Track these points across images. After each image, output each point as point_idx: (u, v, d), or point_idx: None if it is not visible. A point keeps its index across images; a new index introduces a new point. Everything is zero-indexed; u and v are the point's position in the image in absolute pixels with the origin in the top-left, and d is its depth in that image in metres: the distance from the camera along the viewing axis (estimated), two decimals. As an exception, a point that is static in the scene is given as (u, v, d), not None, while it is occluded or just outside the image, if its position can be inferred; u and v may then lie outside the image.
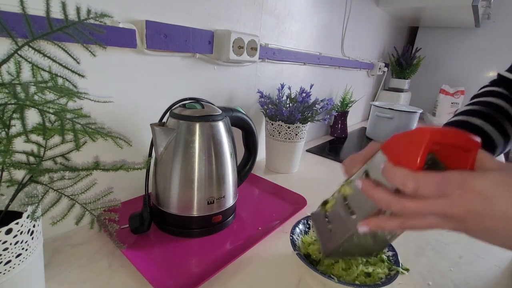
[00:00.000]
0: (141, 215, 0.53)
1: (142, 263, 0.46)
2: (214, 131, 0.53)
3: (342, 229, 0.36)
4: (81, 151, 0.34)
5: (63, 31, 0.30)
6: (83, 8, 0.31)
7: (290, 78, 1.02)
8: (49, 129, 0.32)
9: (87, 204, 0.36)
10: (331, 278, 0.40)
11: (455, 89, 1.82)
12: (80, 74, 0.33)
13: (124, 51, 0.55)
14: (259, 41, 0.77)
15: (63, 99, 0.33)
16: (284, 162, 0.89)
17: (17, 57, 0.30)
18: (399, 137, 0.30)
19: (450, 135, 0.28)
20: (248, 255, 0.50)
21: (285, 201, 0.71)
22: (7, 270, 0.30)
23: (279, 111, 0.82)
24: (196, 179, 0.52)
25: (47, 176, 0.35)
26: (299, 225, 0.51)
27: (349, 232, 0.34)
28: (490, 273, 0.52)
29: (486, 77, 1.81)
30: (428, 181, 0.26)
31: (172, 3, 0.60)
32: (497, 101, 0.50)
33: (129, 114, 0.59)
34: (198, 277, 0.44)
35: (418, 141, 0.27)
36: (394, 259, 0.45)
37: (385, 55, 1.82)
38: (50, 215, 0.34)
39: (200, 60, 0.70)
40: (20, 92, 0.28)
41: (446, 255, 0.56)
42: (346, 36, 1.28)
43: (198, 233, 0.55)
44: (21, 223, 0.30)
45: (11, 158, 0.29)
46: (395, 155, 0.30)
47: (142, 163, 0.38)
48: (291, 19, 0.94)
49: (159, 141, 0.50)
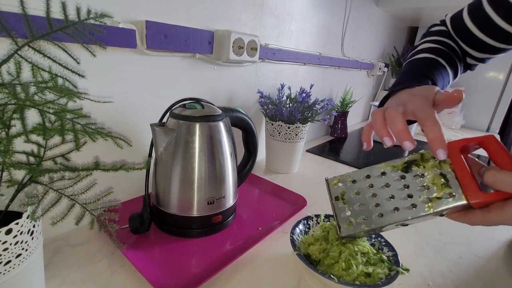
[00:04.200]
0: (141, 215, 0.53)
1: (142, 263, 0.46)
2: (214, 131, 0.53)
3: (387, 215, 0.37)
4: (81, 151, 0.34)
5: (63, 31, 0.30)
6: (83, 8, 0.31)
7: (290, 78, 1.02)
8: (49, 129, 0.32)
9: (87, 204, 0.36)
10: (331, 278, 0.40)
11: (455, 89, 1.82)
12: (80, 74, 0.33)
13: (124, 51, 0.55)
14: (259, 41, 0.77)
15: (63, 99, 0.33)
16: (284, 162, 0.89)
17: (17, 57, 0.30)
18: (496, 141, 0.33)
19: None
20: (248, 255, 0.50)
21: (285, 201, 0.71)
22: (7, 270, 0.30)
23: (279, 111, 0.82)
24: (196, 179, 0.52)
25: (47, 176, 0.35)
26: (299, 225, 0.51)
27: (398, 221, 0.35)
28: (490, 274, 0.52)
29: (486, 77, 1.81)
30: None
31: (172, 3, 0.60)
32: (446, 40, 0.56)
33: (129, 114, 0.59)
34: (198, 277, 0.44)
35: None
36: (394, 259, 0.45)
37: (385, 55, 1.82)
38: (50, 215, 0.34)
39: (200, 60, 0.70)
40: (20, 92, 0.28)
41: (446, 255, 0.56)
42: (346, 36, 1.28)
43: (198, 233, 0.55)
44: (21, 223, 0.30)
45: (11, 158, 0.29)
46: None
47: (142, 163, 0.38)
48: (291, 19, 0.94)
49: (159, 141, 0.50)
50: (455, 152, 0.34)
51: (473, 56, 0.56)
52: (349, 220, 0.40)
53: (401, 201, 0.36)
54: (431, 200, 0.34)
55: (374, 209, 0.38)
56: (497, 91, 1.79)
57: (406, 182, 0.37)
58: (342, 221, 0.40)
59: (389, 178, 0.38)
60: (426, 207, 0.34)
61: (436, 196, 0.33)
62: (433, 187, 0.34)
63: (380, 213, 0.37)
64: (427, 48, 0.54)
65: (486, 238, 0.62)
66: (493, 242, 0.61)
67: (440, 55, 0.52)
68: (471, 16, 0.51)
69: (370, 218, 0.38)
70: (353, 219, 0.39)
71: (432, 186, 0.34)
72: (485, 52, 0.54)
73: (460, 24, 0.53)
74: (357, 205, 0.39)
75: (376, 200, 0.38)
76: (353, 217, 0.39)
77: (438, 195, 0.33)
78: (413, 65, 0.53)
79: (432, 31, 0.59)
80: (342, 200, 0.41)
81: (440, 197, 0.33)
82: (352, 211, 0.40)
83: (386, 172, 0.38)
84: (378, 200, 0.38)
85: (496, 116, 1.83)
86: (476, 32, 0.51)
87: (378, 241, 0.49)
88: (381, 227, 0.37)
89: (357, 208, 0.39)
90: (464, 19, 0.52)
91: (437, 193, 0.34)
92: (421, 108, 0.36)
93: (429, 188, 0.34)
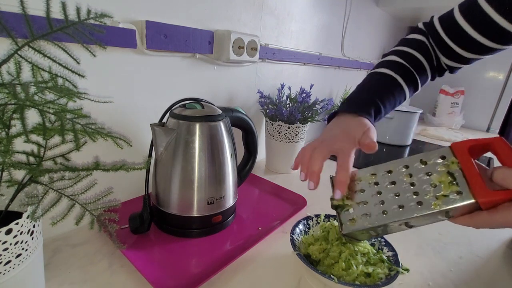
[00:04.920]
0: (141, 215, 0.53)
1: (142, 263, 0.46)
2: (214, 131, 0.53)
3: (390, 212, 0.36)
4: (81, 151, 0.34)
5: (63, 31, 0.30)
6: (83, 8, 0.31)
7: (290, 78, 1.02)
8: (49, 129, 0.32)
9: (87, 204, 0.36)
10: (331, 278, 0.40)
11: (455, 89, 1.82)
12: (80, 74, 0.33)
13: (124, 51, 0.55)
14: (259, 41, 0.77)
15: (63, 99, 0.33)
16: (284, 162, 0.89)
17: (17, 57, 0.30)
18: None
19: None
20: (248, 255, 0.50)
21: (285, 201, 0.71)
22: (7, 270, 0.30)
23: (279, 111, 0.82)
24: (196, 179, 0.52)
25: (47, 176, 0.35)
26: (299, 225, 0.51)
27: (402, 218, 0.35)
28: (490, 274, 0.52)
29: (486, 77, 1.81)
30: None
31: (172, 3, 0.60)
32: (414, 53, 0.57)
33: (129, 114, 0.59)
34: (198, 277, 0.44)
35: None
36: (394, 259, 0.45)
37: (385, 55, 1.82)
38: (50, 215, 0.34)
39: (200, 60, 0.70)
40: (20, 92, 0.28)
41: (446, 255, 0.56)
42: (346, 36, 1.28)
43: (198, 233, 0.55)
44: (21, 223, 0.30)
45: (11, 158, 0.29)
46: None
47: (142, 163, 0.38)
48: (291, 19, 0.94)
49: (159, 141, 0.50)
50: (463, 152, 0.33)
51: (461, 57, 0.55)
52: (352, 218, 0.39)
53: (406, 199, 0.35)
54: (438, 198, 0.33)
55: (378, 206, 0.37)
56: (497, 91, 1.79)
57: (412, 180, 0.36)
58: (344, 218, 0.40)
59: (395, 176, 0.37)
60: (433, 204, 0.33)
61: (443, 194, 0.33)
62: (440, 185, 0.33)
63: (384, 211, 0.36)
64: (390, 62, 0.56)
65: (486, 238, 0.62)
66: (493, 242, 0.61)
67: (400, 72, 0.54)
68: (464, 15, 0.51)
69: (373, 216, 0.37)
70: (355, 216, 0.38)
71: (439, 185, 0.33)
72: (476, 52, 0.53)
73: (451, 23, 0.53)
74: (361, 202, 0.39)
75: (381, 197, 0.37)
76: (356, 214, 0.38)
77: (445, 192, 0.32)
78: (369, 82, 0.56)
79: (405, 39, 0.60)
80: (346, 197, 0.40)
81: (447, 195, 0.32)
82: (355, 208, 0.39)
83: (392, 171, 0.38)
84: (383, 197, 0.37)
85: (496, 116, 1.83)
86: (470, 31, 0.50)
87: (378, 241, 0.49)
88: (385, 225, 0.36)
89: (360, 205, 0.39)
90: (456, 18, 0.52)
91: (444, 191, 0.33)
92: (342, 152, 0.43)
93: (436, 186, 0.34)
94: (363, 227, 0.37)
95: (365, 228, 0.37)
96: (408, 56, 0.56)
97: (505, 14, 0.46)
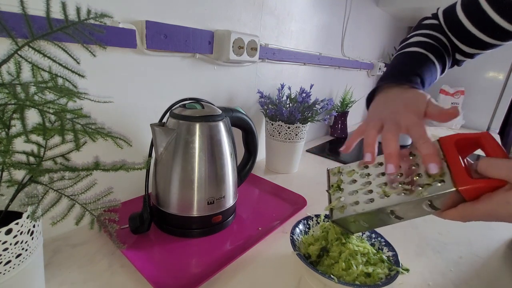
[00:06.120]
0: (141, 215, 0.53)
1: (142, 263, 0.46)
2: (214, 131, 0.53)
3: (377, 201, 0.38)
4: (81, 151, 0.34)
5: (63, 31, 0.30)
6: (83, 8, 0.31)
7: (290, 78, 1.02)
8: (49, 129, 0.32)
9: (87, 204, 0.36)
10: (331, 278, 0.40)
11: (455, 89, 1.82)
12: (80, 74, 0.33)
13: (124, 51, 0.55)
14: (259, 41, 0.77)
15: (63, 99, 0.33)
16: (284, 162, 0.89)
17: (17, 57, 0.30)
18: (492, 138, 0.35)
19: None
20: (248, 255, 0.50)
21: (285, 201, 0.71)
22: (7, 270, 0.30)
23: (279, 111, 0.82)
24: (196, 179, 0.52)
25: (47, 176, 0.35)
26: (299, 225, 0.51)
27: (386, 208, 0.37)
28: (490, 274, 0.52)
29: (486, 77, 1.81)
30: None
31: (172, 3, 0.60)
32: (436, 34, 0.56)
33: (129, 114, 0.59)
34: (198, 277, 0.44)
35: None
36: (394, 259, 0.45)
37: (385, 55, 1.82)
38: (50, 215, 0.34)
39: (200, 60, 0.70)
40: (20, 92, 0.28)
41: (446, 255, 0.56)
42: (346, 36, 1.28)
43: (198, 233, 0.55)
44: (21, 223, 0.30)
45: (11, 158, 0.29)
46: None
47: (142, 163, 0.38)
48: (291, 19, 0.94)
49: (159, 141, 0.50)
50: (448, 144, 0.35)
51: (463, 51, 0.56)
52: (341, 205, 0.41)
53: (393, 188, 0.37)
54: (422, 187, 0.34)
55: (366, 194, 0.39)
56: (497, 91, 1.79)
57: (401, 171, 0.38)
58: (335, 206, 0.42)
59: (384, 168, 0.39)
60: (416, 192, 0.35)
61: (427, 182, 0.34)
62: (425, 175, 0.35)
63: (371, 199, 0.38)
64: (417, 42, 0.54)
65: (486, 238, 0.62)
66: (493, 242, 0.61)
67: (430, 50, 0.53)
68: (465, 11, 0.51)
69: (361, 203, 0.39)
70: (345, 204, 0.41)
71: (424, 174, 0.35)
72: (477, 47, 0.54)
73: (453, 18, 0.53)
74: (351, 191, 0.41)
75: (370, 187, 0.40)
76: (346, 202, 0.41)
77: (429, 181, 0.34)
78: (403, 58, 0.53)
79: (423, 24, 0.59)
80: (338, 187, 0.43)
81: (430, 184, 0.34)
82: (345, 197, 0.41)
83: (383, 163, 0.39)
84: (372, 187, 0.39)
85: (496, 116, 1.83)
86: (470, 27, 0.51)
87: (378, 241, 0.49)
88: (373, 214, 0.38)
89: (350, 194, 0.41)
90: (458, 14, 0.52)
91: (428, 180, 0.34)
92: (414, 126, 0.38)
93: (421, 176, 0.35)
94: (350, 214, 0.40)
95: (351, 214, 0.39)
96: (434, 37, 0.55)
97: (504, 14, 0.46)
